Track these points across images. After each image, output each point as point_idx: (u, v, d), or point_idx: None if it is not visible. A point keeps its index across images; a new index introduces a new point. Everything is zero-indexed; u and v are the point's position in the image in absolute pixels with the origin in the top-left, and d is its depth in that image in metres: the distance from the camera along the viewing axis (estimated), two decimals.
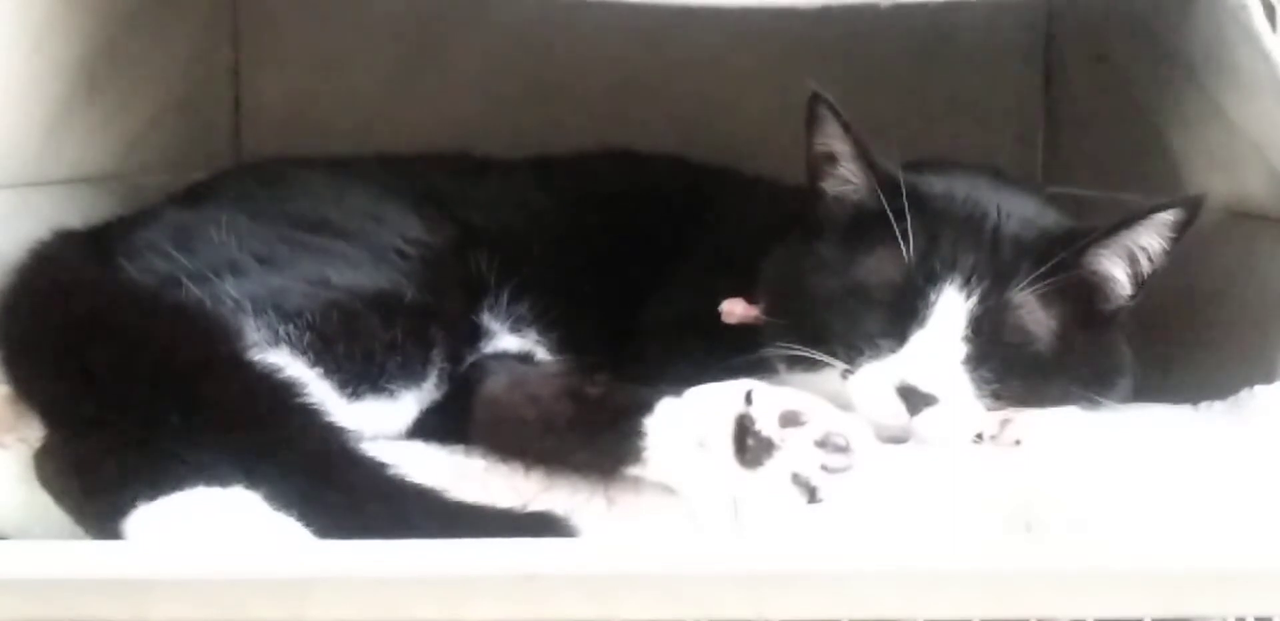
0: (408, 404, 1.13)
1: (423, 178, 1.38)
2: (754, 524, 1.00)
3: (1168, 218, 1.13)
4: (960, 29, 1.63)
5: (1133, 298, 1.17)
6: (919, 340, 1.11)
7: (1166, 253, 1.14)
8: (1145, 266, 1.15)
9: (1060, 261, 1.13)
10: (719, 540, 1.00)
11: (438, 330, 1.16)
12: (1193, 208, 1.13)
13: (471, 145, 1.48)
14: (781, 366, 1.17)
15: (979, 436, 1.11)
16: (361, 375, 1.10)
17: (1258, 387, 1.15)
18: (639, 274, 1.33)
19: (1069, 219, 1.22)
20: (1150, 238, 1.14)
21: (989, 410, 1.12)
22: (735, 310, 1.22)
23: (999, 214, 1.16)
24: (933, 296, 1.11)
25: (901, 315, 1.12)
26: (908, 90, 1.65)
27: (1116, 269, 1.16)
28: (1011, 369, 1.12)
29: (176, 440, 0.96)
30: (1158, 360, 1.24)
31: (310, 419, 1.02)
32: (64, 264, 1.16)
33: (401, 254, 1.22)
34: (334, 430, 1.02)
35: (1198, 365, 1.30)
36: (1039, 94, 1.73)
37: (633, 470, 1.03)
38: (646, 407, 1.03)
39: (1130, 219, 1.14)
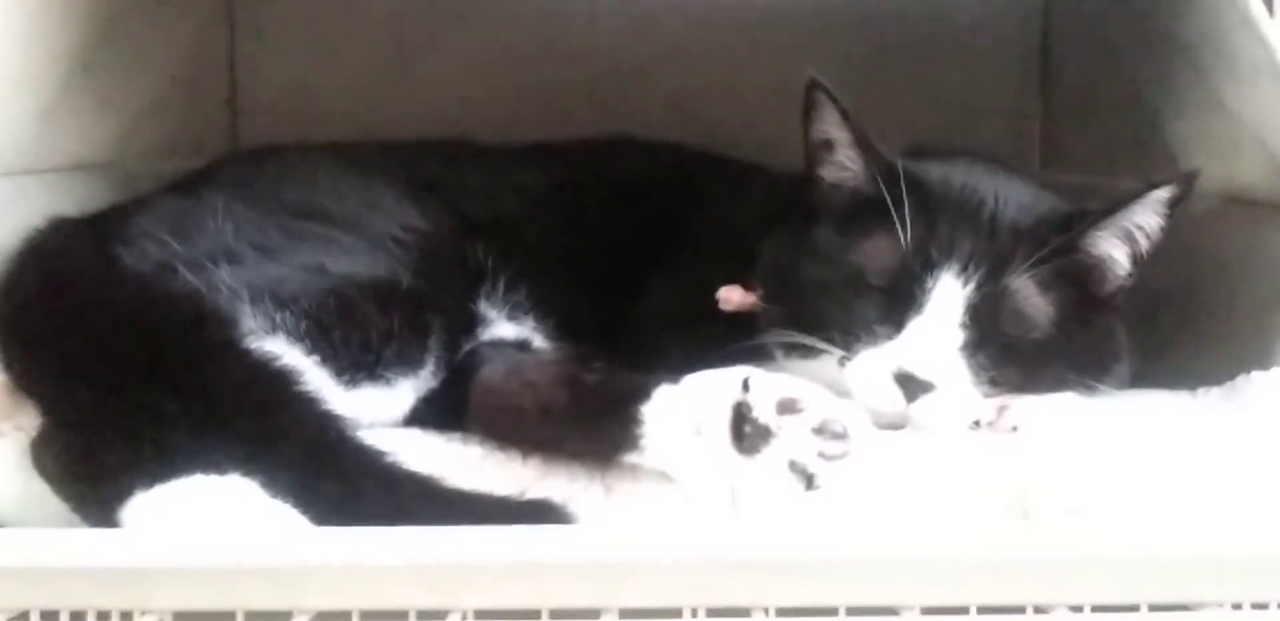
0: (404, 391, 1.13)
1: (419, 165, 1.37)
2: (751, 511, 1.00)
3: (1163, 194, 1.14)
4: (958, 16, 1.63)
5: (1130, 276, 1.18)
6: (916, 327, 1.11)
7: (1163, 229, 1.15)
8: (1143, 244, 1.16)
9: (1058, 246, 1.13)
10: (716, 527, 0.99)
11: (434, 318, 1.16)
12: (1186, 183, 1.14)
13: (468, 132, 1.48)
14: (779, 353, 1.17)
15: (976, 423, 1.11)
16: (358, 363, 1.10)
17: (1255, 374, 1.16)
18: (636, 261, 1.32)
19: (1065, 204, 1.22)
20: (1147, 216, 1.15)
21: (986, 397, 1.12)
22: (732, 297, 1.21)
23: (996, 200, 1.17)
24: (930, 283, 1.11)
25: (899, 302, 1.12)
26: (905, 77, 1.65)
27: (1115, 250, 1.16)
28: (1009, 355, 1.12)
29: (173, 428, 0.95)
30: (1155, 347, 1.24)
31: (307, 407, 1.01)
32: (60, 252, 1.15)
33: (398, 241, 1.22)
34: (331, 418, 1.01)
35: (1195, 351, 1.30)
36: (1036, 81, 1.72)
37: (630, 457, 1.03)
38: (644, 395, 1.03)
39: (1126, 199, 1.14)
